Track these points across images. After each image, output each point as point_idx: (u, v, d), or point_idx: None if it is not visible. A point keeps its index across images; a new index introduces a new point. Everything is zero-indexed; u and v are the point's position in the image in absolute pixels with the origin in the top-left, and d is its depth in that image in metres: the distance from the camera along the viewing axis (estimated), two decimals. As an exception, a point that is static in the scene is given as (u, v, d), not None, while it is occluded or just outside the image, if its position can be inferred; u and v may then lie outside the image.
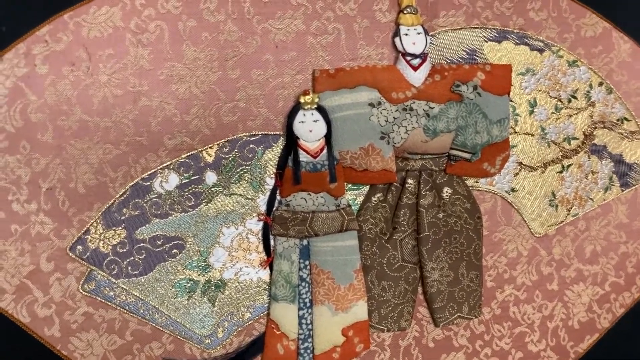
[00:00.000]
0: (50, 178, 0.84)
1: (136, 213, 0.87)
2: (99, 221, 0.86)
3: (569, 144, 1.03)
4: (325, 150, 0.90)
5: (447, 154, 0.96)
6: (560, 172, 1.03)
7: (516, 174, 1.01)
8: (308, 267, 0.91)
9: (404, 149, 0.94)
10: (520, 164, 1.01)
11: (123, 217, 0.87)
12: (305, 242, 0.91)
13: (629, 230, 1.08)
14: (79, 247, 0.86)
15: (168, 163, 0.88)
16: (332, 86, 0.91)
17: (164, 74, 0.87)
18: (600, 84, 1.04)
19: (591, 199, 1.05)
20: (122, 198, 0.87)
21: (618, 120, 1.05)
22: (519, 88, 1.00)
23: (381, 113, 0.92)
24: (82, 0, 0.83)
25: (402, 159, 0.95)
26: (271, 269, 0.92)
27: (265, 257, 0.92)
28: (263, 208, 0.92)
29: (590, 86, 1.03)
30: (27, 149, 0.83)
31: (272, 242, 0.92)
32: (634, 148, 1.06)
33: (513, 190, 1.01)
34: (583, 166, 1.04)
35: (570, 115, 1.03)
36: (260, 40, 0.90)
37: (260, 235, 0.92)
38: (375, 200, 0.95)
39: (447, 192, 0.97)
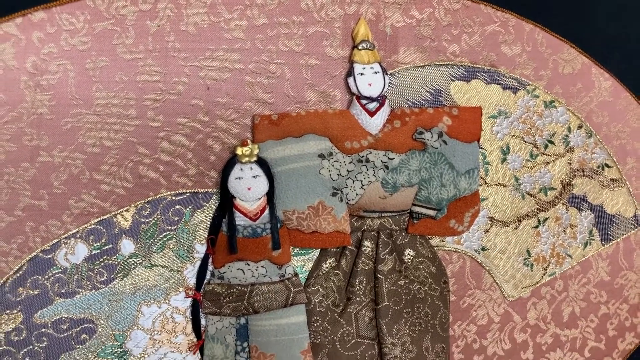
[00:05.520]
0: None
1: (35, 292, 0.73)
2: (-13, 304, 0.71)
3: (546, 195, 0.92)
4: (266, 211, 0.78)
5: (408, 212, 0.84)
6: (536, 226, 0.92)
7: (487, 231, 0.89)
8: (246, 350, 0.78)
9: (360, 207, 0.81)
10: (492, 219, 0.89)
11: (19, 298, 0.72)
12: (243, 320, 0.78)
13: (610, 288, 0.98)
14: (-37, 336, 0.71)
15: (74, 231, 0.74)
16: (275, 135, 0.78)
17: (69, 123, 0.72)
18: (580, 127, 0.92)
19: (569, 255, 0.94)
20: (18, 275, 0.72)
21: (599, 167, 0.94)
22: (489, 133, 0.88)
23: (333, 165, 0.79)
24: (-38, 35, 0.68)
25: (358, 218, 0.83)
26: (202, 354, 0.79)
27: (195, 340, 0.79)
28: (192, 281, 0.78)
29: (569, 129, 0.92)
30: None
31: (203, 322, 0.79)
32: (615, 198, 0.96)
33: (483, 249, 0.89)
34: (561, 219, 0.93)
35: (547, 163, 0.91)
36: (187, 81, 0.76)
37: (188, 314, 0.79)
38: (327, 267, 0.82)
39: (409, 254, 0.85)
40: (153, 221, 0.76)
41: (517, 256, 0.91)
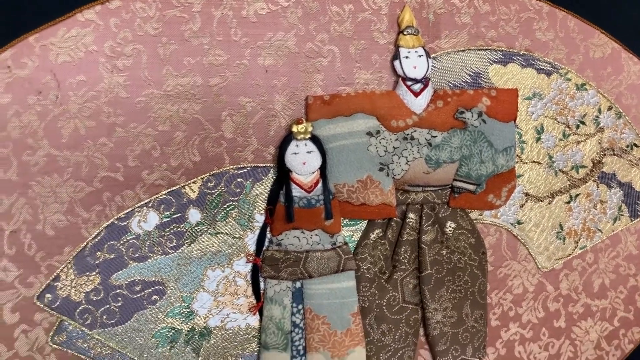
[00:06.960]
0: (14, 220, 0.75)
1: (111, 256, 0.79)
2: (70, 266, 0.78)
3: (577, 172, 0.97)
4: (320, 184, 0.83)
5: (450, 186, 0.89)
6: (568, 202, 0.97)
7: (522, 206, 0.95)
8: (301, 311, 0.84)
9: (405, 181, 0.87)
10: (527, 194, 0.95)
11: (97, 262, 0.79)
12: (298, 284, 0.84)
13: (639, 262, 1.03)
14: (48, 295, 0.77)
15: (147, 200, 0.80)
16: (327, 114, 0.84)
17: (142, 102, 0.78)
18: (610, 108, 0.98)
19: (600, 230, 0.99)
20: (96, 240, 0.78)
21: (627, 146, 0.99)
22: (525, 114, 0.93)
23: (380, 142, 0.85)
24: (49, 22, 0.74)
25: (403, 191, 0.88)
26: (261, 315, 0.85)
27: (255, 302, 0.85)
28: (252, 248, 0.84)
29: (599, 111, 0.97)
30: (-13, 187, 0.75)
31: (262, 285, 0.85)
32: (643, 175, 1.01)
33: (519, 222, 0.95)
34: (591, 196, 0.98)
35: (579, 142, 0.97)
36: (248, 64, 0.82)
37: (249, 277, 0.85)
38: (374, 237, 0.88)
39: (450, 226, 0.90)
40: (217, 192, 0.82)
41: (551, 230, 0.97)
